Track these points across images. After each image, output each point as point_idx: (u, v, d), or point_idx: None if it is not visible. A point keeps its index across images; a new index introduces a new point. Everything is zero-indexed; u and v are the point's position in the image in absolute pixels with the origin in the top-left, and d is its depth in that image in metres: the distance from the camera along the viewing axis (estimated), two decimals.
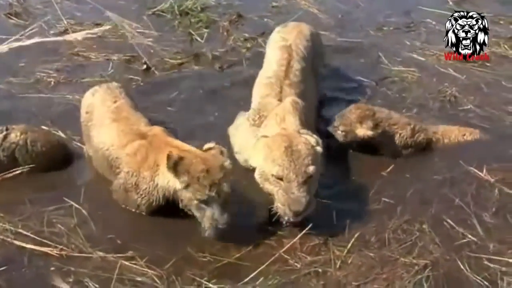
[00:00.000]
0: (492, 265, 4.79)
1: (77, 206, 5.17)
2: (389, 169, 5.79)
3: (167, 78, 7.16)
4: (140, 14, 8.39)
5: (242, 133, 5.75)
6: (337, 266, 4.76)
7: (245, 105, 6.26)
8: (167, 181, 4.92)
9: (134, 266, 4.71)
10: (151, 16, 8.41)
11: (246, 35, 8.07)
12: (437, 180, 5.65)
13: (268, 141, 5.16)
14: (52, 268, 4.66)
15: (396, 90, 7.05)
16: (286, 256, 4.82)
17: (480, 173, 5.63)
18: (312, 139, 5.18)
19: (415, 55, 7.71)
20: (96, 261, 4.74)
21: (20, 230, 4.96)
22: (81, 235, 4.93)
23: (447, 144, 6.06)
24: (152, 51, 7.62)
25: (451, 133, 6.11)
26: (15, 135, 5.56)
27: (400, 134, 5.96)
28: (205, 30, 8.15)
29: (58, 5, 8.32)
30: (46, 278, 4.58)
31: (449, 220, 5.17)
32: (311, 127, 5.62)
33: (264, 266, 4.71)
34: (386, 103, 6.65)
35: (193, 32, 8.05)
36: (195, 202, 4.76)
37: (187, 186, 4.76)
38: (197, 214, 4.83)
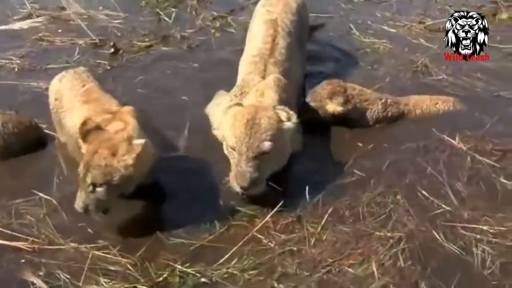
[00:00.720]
0: (466, 233, 4.79)
1: (46, 197, 5.08)
2: (364, 141, 5.75)
3: (136, 61, 7.06)
4: None
5: (222, 109, 5.64)
6: (312, 243, 4.72)
7: (216, 85, 6.24)
8: None
9: (107, 255, 4.64)
10: None
11: (215, 13, 7.97)
12: (411, 149, 5.63)
13: (236, 111, 5.13)
14: (23, 261, 4.59)
15: (368, 62, 7.03)
16: (259, 236, 4.78)
17: (453, 141, 5.63)
18: (284, 113, 5.13)
19: (386, 27, 7.68)
20: (68, 252, 4.67)
21: None
22: (52, 226, 4.85)
23: (419, 115, 6.04)
24: (119, 34, 7.52)
25: (422, 103, 6.09)
26: None
27: (371, 110, 5.93)
28: (173, 9, 8.04)
29: None
30: (16, 273, 4.49)
31: (423, 191, 5.16)
32: (292, 105, 5.55)
33: (237, 247, 4.66)
34: (358, 75, 6.66)
35: (160, 12, 7.94)
36: None
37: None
38: None
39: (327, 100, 5.86)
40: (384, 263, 4.57)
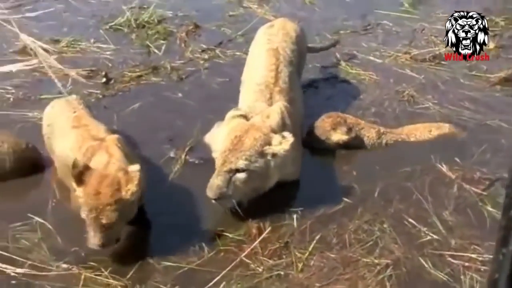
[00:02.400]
0: (454, 261, 4.85)
1: (41, 221, 5.13)
2: (356, 167, 5.90)
3: (127, 91, 7.12)
4: (97, 29, 8.36)
5: (226, 118, 5.64)
6: (299, 268, 4.77)
7: (206, 114, 6.32)
8: None
9: (99, 277, 4.69)
10: (108, 30, 8.34)
11: (204, 46, 8.05)
12: (399, 176, 5.72)
13: (234, 125, 5.24)
14: (13, 282, 4.62)
15: (355, 92, 7.11)
16: (247, 260, 4.83)
17: (441, 169, 5.73)
18: (278, 138, 5.19)
19: (372, 57, 7.78)
20: (60, 275, 4.71)
21: None
22: (46, 249, 4.89)
23: (414, 143, 6.15)
24: (110, 65, 7.57)
25: (415, 131, 6.23)
26: None
27: (368, 137, 6.09)
28: (163, 42, 8.12)
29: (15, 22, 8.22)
30: None
31: (409, 219, 5.23)
32: (297, 133, 5.63)
33: (225, 271, 4.70)
34: (344, 106, 6.73)
35: (150, 45, 8.02)
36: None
37: (80, 196, 4.72)
38: None
39: (331, 131, 6.04)
40: None
